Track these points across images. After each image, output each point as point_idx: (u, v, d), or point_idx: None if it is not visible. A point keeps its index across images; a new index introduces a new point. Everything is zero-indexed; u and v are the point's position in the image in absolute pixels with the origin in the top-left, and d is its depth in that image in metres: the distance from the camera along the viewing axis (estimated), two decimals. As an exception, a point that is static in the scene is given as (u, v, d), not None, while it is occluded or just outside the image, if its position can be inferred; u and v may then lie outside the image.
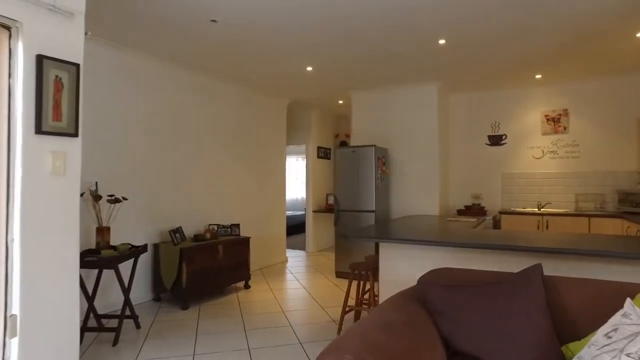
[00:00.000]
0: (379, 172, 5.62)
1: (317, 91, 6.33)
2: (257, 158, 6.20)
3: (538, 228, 5.32)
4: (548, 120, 5.83)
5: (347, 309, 3.59)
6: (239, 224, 5.14)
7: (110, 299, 4.02)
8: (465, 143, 6.38)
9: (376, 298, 3.46)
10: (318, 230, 7.90)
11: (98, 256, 3.23)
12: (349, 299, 4.45)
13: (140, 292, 4.33)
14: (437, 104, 5.79)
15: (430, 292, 1.96)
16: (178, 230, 4.43)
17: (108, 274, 3.91)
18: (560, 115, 5.76)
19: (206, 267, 4.39)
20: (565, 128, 5.74)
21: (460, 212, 5.91)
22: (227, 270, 4.69)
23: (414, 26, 3.80)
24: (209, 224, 5.02)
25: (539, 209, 5.77)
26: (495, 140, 6.18)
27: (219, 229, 4.97)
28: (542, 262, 2.74)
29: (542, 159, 5.88)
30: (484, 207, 5.84)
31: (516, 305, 1.79)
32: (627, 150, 5.43)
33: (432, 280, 2.15)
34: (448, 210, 6.34)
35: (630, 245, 2.44)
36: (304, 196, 11.64)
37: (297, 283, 5.32)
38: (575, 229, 5.12)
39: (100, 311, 3.69)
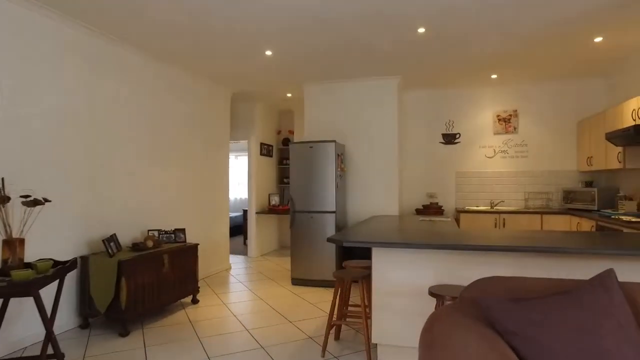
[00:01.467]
0: (338, 170, 5.23)
1: (268, 81, 5.76)
2: (198, 154, 5.44)
3: (495, 226, 5.34)
4: (499, 120, 5.93)
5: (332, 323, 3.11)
6: (184, 229, 4.38)
7: (18, 333, 3.07)
8: (420, 141, 6.26)
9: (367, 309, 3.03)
10: (261, 233, 7.29)
11: (7, 280, 2.37)
12: (324, 311, 3.99)
13: (61, 319, 3.41)
14: (397, 99, 5.58)
15: (496, 308, 1.57)
16: (112, 238, 3.58)
17: (16, 301, 2.98)
18: (510, 115, 5.88)
19: (150, 282, 3.61)
20: (515, 128, 5.87)
21: (418, 212, 5.75)
22: (173, 284, 3.93)
23: (393, 14, 3.47)
24: (148, 230, 4.19)
25: (492, 207, 5.84)
26: (449, 138, 6.15)
27: (161, 235, 4.18)
28: (563, 264, 2.54)
29: (494, 158, 5.96)
30: (442, 206, 5.75)
31: (606, 320, 1.49)
32: (568, 151, 5.69)
33: (480, 293, 1.79)
34: (405, 210, 6.17)
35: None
36: (242, 196, 10.90)
37: (251, 294, 4.71)
38: (530, 227, 5.21)
39: (3, 353, 2.77)
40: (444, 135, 6.17)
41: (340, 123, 5.76)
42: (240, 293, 4.75)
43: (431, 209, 5.70)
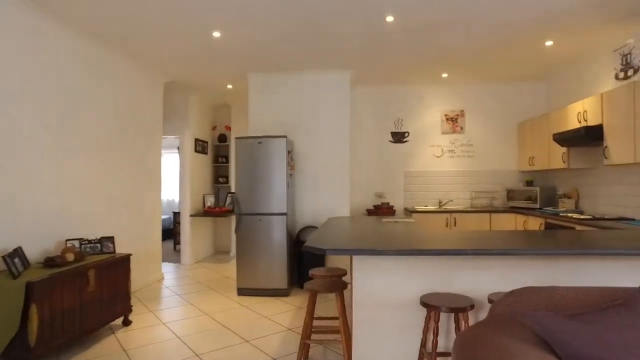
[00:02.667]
0: (289, 168, 4.82)
1: (210, 68, 5.16)
2: (127, 148, 4.67)
3: (447, 226, 5.31)
4: (447, 119, 5.95)
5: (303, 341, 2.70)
6: (112, 237, 3.67)
7: None
8: (369, 139, 6.08)
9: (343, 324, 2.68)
10: (195, 238, 6.61)
11: None
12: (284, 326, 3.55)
13: (-57, 360, 2.58)
14: (349, 94, 5.32)
15: (557, 328, 1.30)
16: (17, 253, 2.81)
17: None
18: (457, 115, 5.93)
19: (71, 306, 2.90)
20: (462, 128, 5.93)
21: (370, 212, 5.55)
22: (100, 305, 3.23)
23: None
24: (67, 239, 3.41)
25: (440, 206, 5.83)
26: (398, 137, 6.05)
27: (84, 246, 3.43)
28: (557, 267, 2.40)
29: (442, 158, 5.97)
30: (393, 206, 5.61)
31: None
32: (510, 151, 5.89)
33: (518, 307, 1.53)
34: (355, 210, 5.94)
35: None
36: (171, 197, 9.92)
37: (194, 309, 4.11)
38: (479, 226, 5.26)
39: None
40: (393, 134, 6.05)
41: (288, 117, 5.35)
42: (181, 308, 4.13)
43: (382, 209, 5.53)
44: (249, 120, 5.41)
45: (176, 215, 7.61)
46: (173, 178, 9.31)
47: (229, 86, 6.07)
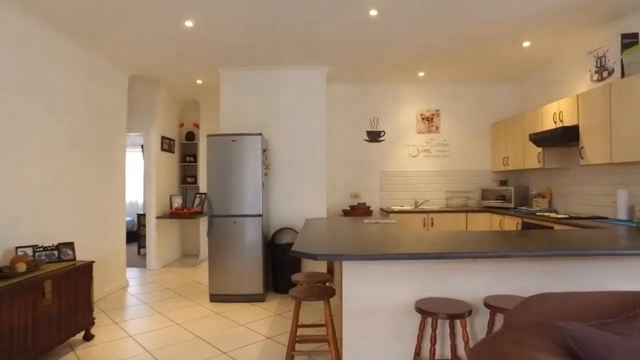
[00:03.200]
0: (264, 167, 4.61)
1: (180, 60, 4.86)
2: (88, 146, 4.30)
3: (424, 226, 5.26)
4: (423, 119, 5.92)
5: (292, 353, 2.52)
6: (72, 243, 3.33)
7: None
8: (345, 138, 5.95)
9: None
10: (162, 241, 6.25)
11: None
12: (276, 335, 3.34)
13: None
14: (325, 91, 5.17)
15: (587, 338, 1.20)
16: (-40, 262, 2.46)
17: None
18: (433, 114, 5.92)
19: (23, 323, 2.57)
20: (437, 127, 5.92)
21: (346, 213, 5.42)
22: (58, 320, 2.91)
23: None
24: (17, 247, 3.05)
25: (416, 206, 5.79)
26: (374, 136, 5.96)
27: (38, 254, 3.09)
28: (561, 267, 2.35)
29: (418, 157, 5.94)
30: (369, 207, 5.51)
31: None
32: (483, 151, 5.94)
33: (537, 315, 1.42)
34: (331, 211, 5.79)
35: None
36: (134, 199, 9.40)
37: (164, 318, 3.83)
38: (456, 226, 5.25)
39: None
40: (369, 133, 5.96)
41: (262, 115, 5.13)
42: (149, 318, 3.83)
43: (359, 210, 5.41)
44: (220, 118, 5.15)
45: (140, 217, 7.19)
46: (136, 178, 8.83)
47: (199, 81, 5.77)
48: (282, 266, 4.74)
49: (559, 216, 4.05)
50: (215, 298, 4.38)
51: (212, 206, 4.45)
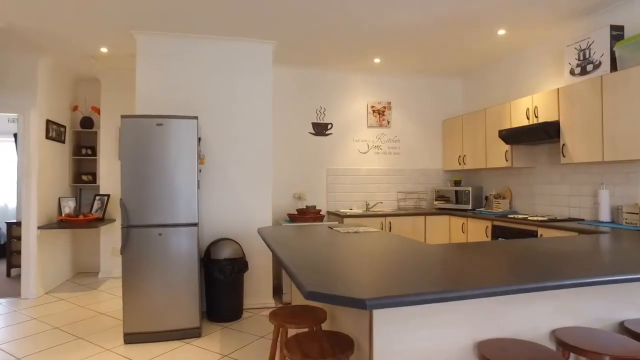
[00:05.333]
0: (199, 161, 3.59)
1: (70, 15, 3.56)
2: None
3: (381, 229, 4.67)
4: (374, 111, 5.35)
5: None
6: None
7: None
8: (287, 130, 5.11)
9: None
10: (46, 259, 4.75)
11: None
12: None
13: None
14: (271, 71, 4.30)
15: None
16: None
17: None
18: (384, 107, 5.38)
19: None
20: (388, 122, 5.40)
21: (293, 218, 4.59)
22: None
23: None
24: None
25: (367, 209, 5.20)
26: (321, 129, 5.22)
27: None
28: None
29: (368, 154, 5.35)
30: (320, 211, 4.75)
31: None
32: (435, 150, 5.59)
33: None
34: (274, 215, 4.92)
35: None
36: (4, 203, 7.29)
37: (55, 380, 2.62)
38: (415, 231, 4.77)
39: None
40: (315, 125, 5.20)
41: (192, 96, 4.07)
42: (31, 384, 2.58)
43: (308, 215, 4.62)
44: (136, 97, 3.95)
45: (11, 227, 5.48)
46: (5, 175, 6.88)
47: (104, 49, 4.44)
48: (221, 288, 3.75)
49: (539, 219, 3.75)
50: (132, 338, 3.23)
51: (128, 213, 3.29)
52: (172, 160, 3.37)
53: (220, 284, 3.75)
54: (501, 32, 3.96)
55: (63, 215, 4.93)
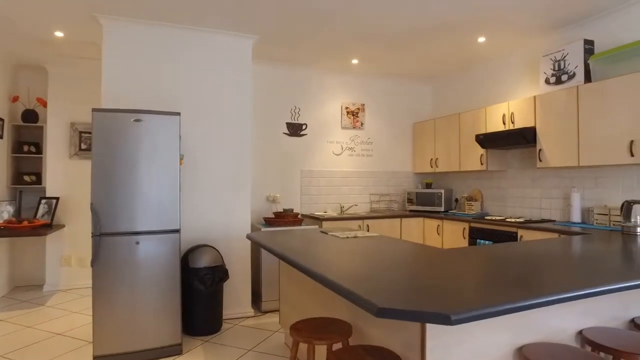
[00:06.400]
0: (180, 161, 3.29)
1: (34, -7, 3.12)
2: None
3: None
4: (348, 113, 5.30)
5: None
6: None
7: None
8: (261, 129, 4.90)
9: None
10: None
11: None
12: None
13: None
14: (251, 67, 4.08)
15: None
16: None
17: None
18: (359, 109, 5.35)
19: None
20: (362, 124, 5.38)
21: (269, 222, 4.39)
22: None
23: None
24: None
25: (342, 212, 5.13)
26: (295, 129, 5.07)
27: None
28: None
29: (342, 156, 5.29)
30: (298, 214, 4.59)
31: None
32: (406, 152, 5.66)
33: None
34: (251, 219, 4.67)
35: None
36: None
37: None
38: (392, 232, 4.78)
39: None
40: (289, 125, 5.04)
41: (165, 90, 3.74)
42: None
43: (287, 218, 4.44)
44: (102, 90, 3.54)
45: None
46: None
47: (59, 33, 3.94)
48: (201, 299, 3.48)
49: (518, 220, 3.90)
50: (105, 360, 2.87)
51: (100, 220, 2.92)
52: (151, 160, 3.05)
53: (199, 295, 3.47)
54: (481, 39, 4.08)
55: (1, 221, 4.31)
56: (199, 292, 3.46)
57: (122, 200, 2.97)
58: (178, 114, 3.13)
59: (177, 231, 3.13)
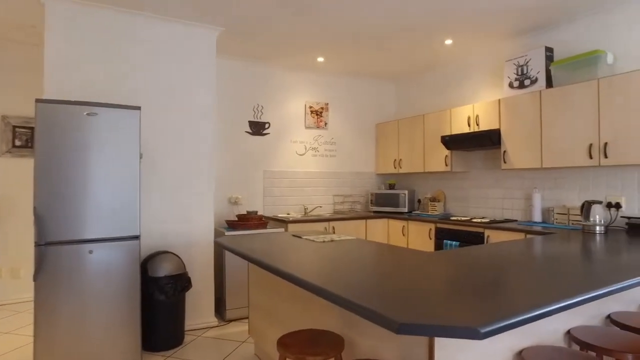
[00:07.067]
0: (141, 160, 2.99)
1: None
2: None
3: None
4: (312, 112, 5.17)
5: None
6: None
7: None
8: (225, 128, 4.64)
9: None
10: None
11: None
12: None
13: None
14: (215, 60, 3.83)
15: None
16: None
17: None
18: (322, 108, 5.24)
19: None
20: (326, 124, 5.27)
21: (233, 225, 4.15)
22: None
23: None
24: None
25: (306, 213, 5.00)
26: (258, 128, 4.85)
27: None
28: None
29: (305, 156, 5.15)
30: (262, 216, 4.38)
31: None
32: (369, 153, 5.63)
33: None
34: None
35: None
36: None
37: None
38: (358, 234, 4.72)
39: None
40: (252, 124, 4.82)
41: (120, 81, 3.39)
42: None
43: (251, 221, 4.22)
44: (44, 79, 3.13)
45: None
46: None
47: (-13, 14, 3.44)
48: (162, 311, 3.19)
49: (484, 221, 3.98)
50: (53, 386, 2.52)
51: (45, 226, 2.57)
52: (107, 159, 2.74)
53: (160, 306, 3.17)
54: (448, 41, 4.13)
55: None
56: (160, 303, 3.17)
57: (72, 204, 2.63)
58: (138, 108, 2.84)
59: (137, 237, 2.83)
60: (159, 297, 3.14)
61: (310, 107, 5.14)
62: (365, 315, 1.30)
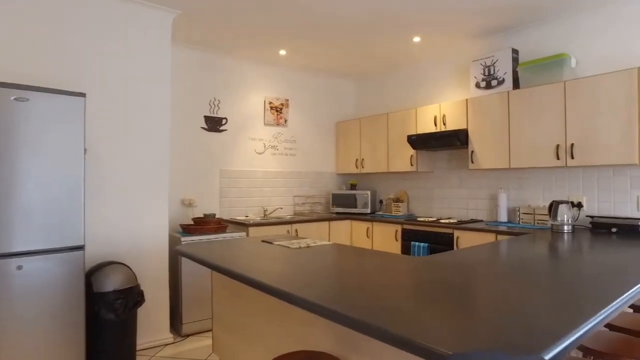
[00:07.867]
0: (85, 158, 2.55)
1: None
2: None
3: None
4: (272, 108, 4.87)
5: None
6: None
7: None
8: (178, 123, 4.21)
9: None
10: None
11: None
12: None
13: None
14: (170, 47, 3.42)
15: None
16: None
17: None
18: (282, 104, 4.96)
19: None
20: (286, 121, 5.00)
21: (188, 230, 3.75)
22: None
23: None
24: None
25: (266, 215, 4.70)
26: (214, 124, 4.47)
27: None
28: None
29: (264, 155, 4.84)
30: (221, 219, 4.02)
31: None
32: (329, 152, 5.45)
33: None
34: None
35: None
36: None
37: None
38: (321, 237, 4.51)
39: None
40: (207, 119, 4.43)
41: (61, 65, 2.89)
42: None
43: (209, 225, 3.84)
44: (-42, 55, 2.57)
45: None
46: None
47: None
48: (110, 331, 2.75)
49: (451, 221, 3.95)
50: None
51: (-41, 237, 2.06)
52: (41, 155, 2.28)
53: (108, 326, 2.74)
54: (416, 39, 4.05)
55: None
56: (108, 323, 2.73)
57: (-3, 209, 2.15)
58: (83, 94, 2.40)
59: (81, 248, 2.40)
60: (107, 315, 2.71)
61: (270, 102, 4.85)
62: (407, 347, 1.08)
